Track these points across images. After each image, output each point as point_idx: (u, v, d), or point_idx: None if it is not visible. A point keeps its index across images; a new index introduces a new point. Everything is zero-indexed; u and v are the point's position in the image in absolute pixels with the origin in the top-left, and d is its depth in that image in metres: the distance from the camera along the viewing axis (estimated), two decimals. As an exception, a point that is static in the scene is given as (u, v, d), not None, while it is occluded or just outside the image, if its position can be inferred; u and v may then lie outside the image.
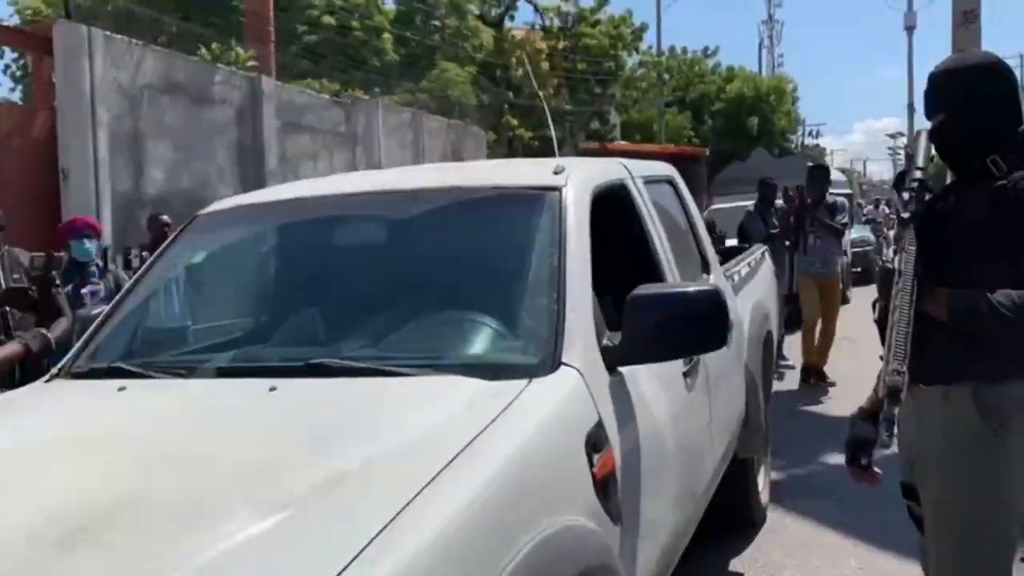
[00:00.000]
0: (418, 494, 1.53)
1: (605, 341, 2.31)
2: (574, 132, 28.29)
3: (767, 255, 5.33)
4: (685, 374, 2.88)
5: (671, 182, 3.81)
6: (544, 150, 20.87)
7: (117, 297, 2.96)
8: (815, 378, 7.70)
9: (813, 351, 7.71)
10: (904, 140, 31.22)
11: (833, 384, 7.63)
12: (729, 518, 4.05)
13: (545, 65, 26.95)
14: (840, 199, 8.24)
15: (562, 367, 2.12)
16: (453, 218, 2.60)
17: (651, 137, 31.69)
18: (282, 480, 1.58)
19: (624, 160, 3.37)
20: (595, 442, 2.03)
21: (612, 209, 3.04)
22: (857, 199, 25.66)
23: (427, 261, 2.57)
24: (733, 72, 39.53)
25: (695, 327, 2.25)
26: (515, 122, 25.20)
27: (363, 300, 2.56)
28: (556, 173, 2.65)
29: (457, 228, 2.61)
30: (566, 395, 2.05)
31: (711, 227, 8.28)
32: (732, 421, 3.68)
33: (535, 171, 2.84)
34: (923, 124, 2.49)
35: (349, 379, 2.09)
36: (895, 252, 2.25)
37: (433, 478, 1.57)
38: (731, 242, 8.21)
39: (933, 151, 2.43)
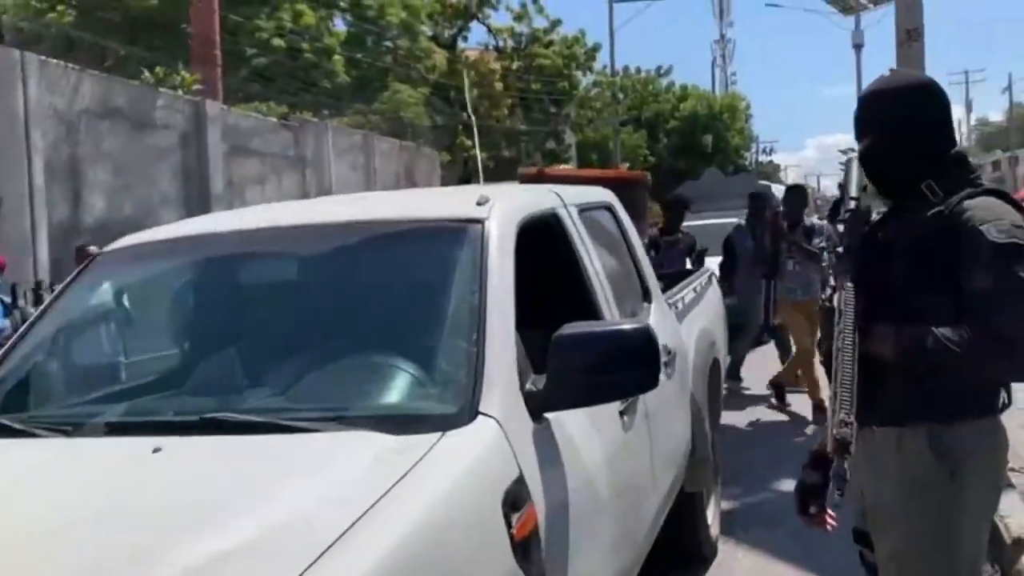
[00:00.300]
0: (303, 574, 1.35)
1: (529, 385, 2.15)
2: (529, 152, 28.29)
3: (714, 279, 5.22)
4: (622, 412, 2.73)
5: (609, 208, 3.68)
6: (499, 170, 20.79)
7: (10, 342, 2.74)
8: (778, 400, 7.56)
9: (816, 384, 6.85)
10: (855, 155, 31.61)
11: (789, 405, 7.55)
12: (678, 555, 3.90)
13: (499, 86, 26.96)
14: (818, 222, 7.65)
15: (479, 417, 1.96)
16: (368, 254, 2.44)
17: (607, 156, 31.81)
18: (147, 567, 1.40)
19: (556, 187, 3.23)
20: (514, 500, 1.86)
21: (542, 241, 2.89)
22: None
23: (339, 301, 2.40)
24: (687, 91, 39.95)
25: (624, 368, 2.11)
26: (469, 143, 25.12)
27: (271, 344, 2.39)
28: (479, 204, 2.50)
29: (372, 265, 2.44)
30: (482, 449, 1.89)
31: (692, 246, 7.90)
32: (677, 456, 3.54)
33: (457, 202, 2.69)
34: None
35: (245, 437, 1.90)
36: (834, 289, 2.13)
37: (321, 555, 1.40)
38: (714, 259, 7.92)
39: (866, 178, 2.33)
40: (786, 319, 7.32)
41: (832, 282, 2.18)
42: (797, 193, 7.88)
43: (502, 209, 2.52)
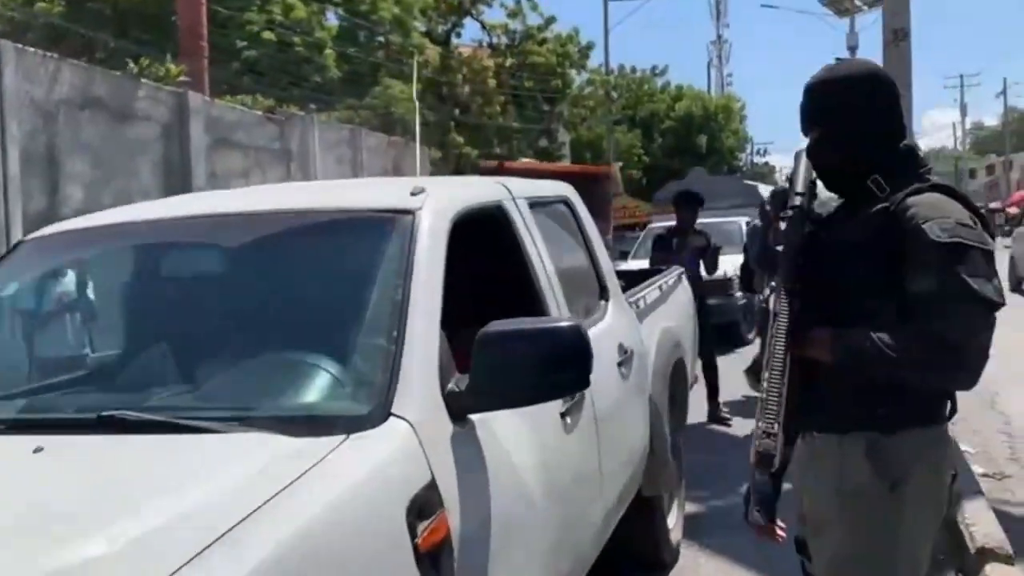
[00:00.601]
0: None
1: (452, 386, 2.04)
2: (522, 150, 28.15)
3: (683, 278, 5.10)
4: (563, 413, 2.62)
5: (567, 203, 3.56)
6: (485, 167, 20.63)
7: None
8: None
9: None
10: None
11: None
12: (635, 560, 3.80)
13: (492, 83, 26.82)
14: None
15: (391, 419, 1.85)
16: (291, 245, 2.32)
17: (601, 155, 31.69)
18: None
19: (506, 179, 3.12)
20: (422, 507, 1.75)
21: (486, 234, 2.78)
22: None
23: (259, 293, 2.29)
24: (682, 91, 39.89)
25: (552, 368, 1.99)
26: (461, 140, 24.97)
27: (188, 339, 2.27)
28: (413, 194, 2.39)
29: (296, 256, 2.33)
30: (389, 453, 1.78)
31: (705, 246, 7.50)
32: (633, 459, 3.43)
33: (390, 192, 2.58)
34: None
35: (137, 436, 1.79)
36: (771, 291, 2.03)
37: (178, 569, 1.29)
38: (729, 258, 7.58)
39: (815, 172, 2.22)
40: None
41: (771, 283, 2.08)
42: None
43: (437, 200, 2.41)
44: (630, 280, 4.57)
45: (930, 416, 1.94)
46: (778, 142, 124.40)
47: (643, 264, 7.17)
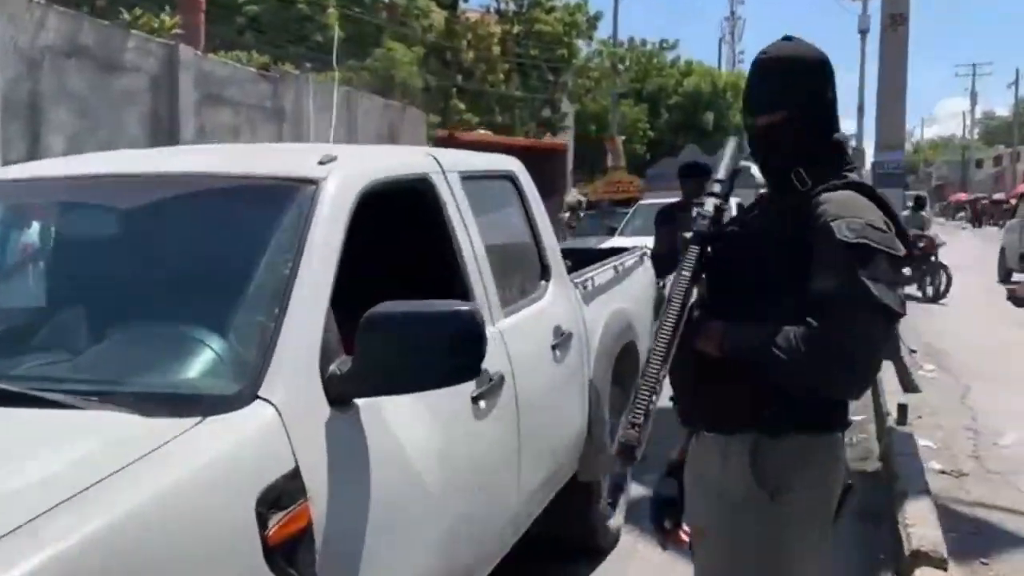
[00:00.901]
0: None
1: (334, 368, 1.94)
2: (524, 119, 27.86)
3: (646, 258, 4.98)
4: (476, 397, 2.53)
5: (511, 178, 3.44)
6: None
7: None
8: None
9: None
10: (854, 142, 31.37)
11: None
12: (569, 546, 3.73)
13: (497, 50, 26.50)
14: None
15: (256, 402, 1.75)
16: (183, 211, 2.22)
17: (606, 128, 31.38)
18: None
19: (438, 151, 3.00)
20: (279, 496, 1.66)
21: (407, 208, 2.67)
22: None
23: (148, 260, 2.18)
24: (691, 67, 39.43)
25: (440, 353, 1.90)
26: (463, 106, 24.72)
27: (75, 304, 2.18)
28: (321, 163, 2.28)
29: (188, 222, 2.22)
30: (245, 438, 1.68)
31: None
32: (564, 444, 3.34)
33: (297, 159, 2.47)
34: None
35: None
36: (673, 277, 1.92)
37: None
38: None
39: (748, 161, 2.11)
40: None
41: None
42: None
43: (346, 170, 2.30)
44: (592, 259, 4.47)
45: (819, 422, 1.84)
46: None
47: (633, 241, 7.02)
